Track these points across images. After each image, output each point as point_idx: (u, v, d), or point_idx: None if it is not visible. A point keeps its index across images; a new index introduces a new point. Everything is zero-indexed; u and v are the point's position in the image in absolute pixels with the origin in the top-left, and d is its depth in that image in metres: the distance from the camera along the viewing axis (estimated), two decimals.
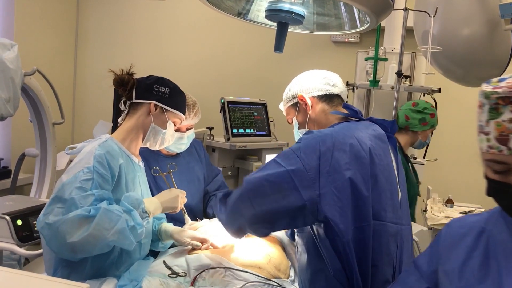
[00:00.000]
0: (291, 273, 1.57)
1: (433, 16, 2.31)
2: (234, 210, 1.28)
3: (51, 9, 3.73)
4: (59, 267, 1.39)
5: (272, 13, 1.31)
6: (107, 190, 1.37)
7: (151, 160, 1.93)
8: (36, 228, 1.73)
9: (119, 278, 1.40)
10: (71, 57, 4.06)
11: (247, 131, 2.94)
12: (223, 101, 2.84)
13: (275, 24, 1.38)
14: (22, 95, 2.40)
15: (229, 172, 3.00)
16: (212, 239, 1.61)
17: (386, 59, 2.67)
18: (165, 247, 1.69)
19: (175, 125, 1.64)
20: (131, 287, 1.35)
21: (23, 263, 2.27)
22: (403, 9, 2.47)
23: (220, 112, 2.84)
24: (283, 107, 1.55)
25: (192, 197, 1.97)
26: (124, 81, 1.53)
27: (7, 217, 1.76)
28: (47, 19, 3.70)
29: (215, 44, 3.83)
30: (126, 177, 1.48)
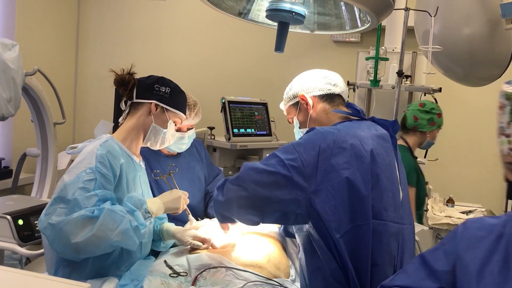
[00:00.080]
0: (292, 272, 1.57)
1: (433, 16, 2.30)
2: (229, 192, 1.28)
3: (52, 9, 3.74)
4: (60, 266, 1.40)
5: (273, 12, 1.31)
6: (109, 190, 1.38)
7: (152, 160, 1.93)
8: (37, 228, 1.73)
9: (120, 277, 1.41)
10: (72, 57, 4.06)
11: (248, 131, 2.94)
12: (224, 100, 2.84)
13: (276, 24, 1.38)
14: (23, 95, 2.40)
15: (230, 172, 3.01)
16: (213, 238, 1.61)
17: (387, 59, 2.66)
18: (166, 246, 1.69)
19: (175, 124, 1.64)
20: (132, 287, 1.35)
21: (25, 262, 2.27)
22: (403, 8, 2.47)
23: (221, 112, 2.84)
24: (284, 106, 1.55)
25: (193, 197, 1.97)
26: (125, 81, 1.54)
27: (8, 217, 1.76)
28: (48, 19, 3.71)
29: (215, 44, 3.83)
30: (127, 176, 1.48)
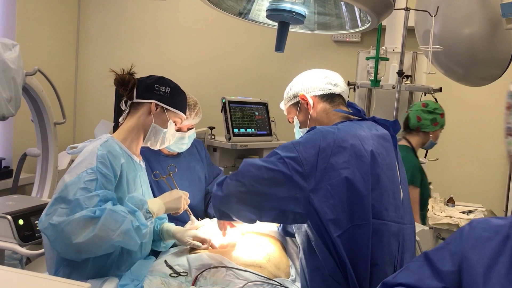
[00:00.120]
0: (292, 272, 1.57)
1: (434, 16, 2.30)
2: (228, 187, 1.29)
3: (53, 9, 3.74)
4: (61, 266, 1.40)
5: (273, 12, 1.31)
6: (110, 190, 1.38)
7: (152, 160, 1.93)
8: (38, 228, 1.73)
9: (120, 277, 1.41)
10: (73, 57, 4.06)
11: (248, 130, 2.94)
12: (224, 100, 2.84)
13: (276, 23, 1.38)
14: (24, 95, 2.40)
15: (230, 172, 3.00)
16: (213, 238, 1.61)
17: (387, 59, 2.66)
18: (166, 246, 1.69)
19: (176, 124, 1.64)
20: (132, 287, 1.35)
21: (25, 262, 2.27)
22: (404, 8, 2.47)
23: (221, 111, 2.84)
24: (284, 106, 1.55)
25: (193, 197, 1.96)
26: (125, 81, 1.54)
27: (9, 216, 1.76)
28: (49, 19, 3.71)
29: (216, 43, 3.83)
30: (128, 176, 1.48)
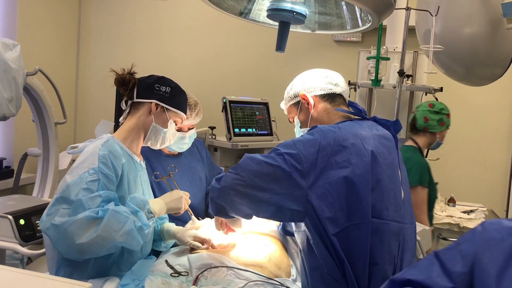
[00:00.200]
0: (293, 272, 1.57)
1: (435, 15, 2.30)
2: (226, 179, 1.29)
3: (53, 9, 3.74)
4: (62, 266, 1.40)
5: (273, 12, 1.31)
6: (112, 190, 1.38)
7: (153, 160, 1.93)
8: (39, 228, 1.73)
9: (121, 277, 1.41)
10: (73, 56, 4.07)
11: (249, 130, 2.94)
12: (225, 100, 2.84)
13: (277, 23, 1.38)
14: (25, 95, 2.41)
15: None
16: (213, 238, 1.61)
17: (388, 58, 2.66)
18: (167, 246, 1.69)
19: (176, 124, 1.64)
20: (133, 286, 1.35)
21: (26, 262, 2.27)
22: (405, 8, 2.47)
23: (222, 111, 2.84)
24: (284, 106, 1.55)
25: (194, 196, 1.96)
26: (125, 80, 1.54)
27: (10, 216, 1.76)
28: (49, 19, 3.71)
29: (216, 43, 3.83)
30: (128, 176, 1.49)
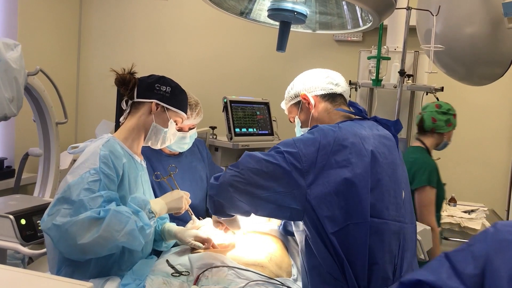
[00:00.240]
0: (294, 271, 1.57)
1: (436, 15, 2.30)
2: (225, 176, 1.29)
3: (54, 9, 3.75)
4: (63, 266, 1.40)
5: (274, 12, 1.31)
6: (113, 190, 1.38)
7: (154, 160, 1.93)
8: (40, 228, 1.74)
9: (122, 277, 1.41)
10: (74, 56, 4.07)
11: (250, 130, 2.94)
12: (225, 100, 2.84)
13: (278, 23, 1.38)
14: (26, 95, 2.41)
15: None
16: (214, 238, 1.61)
17: (388, 58, 2.66)
18: (168, 246, 1.69)
19: (176, 124, 1.64)
20: (134, 286, 1.35)
21: (27, 262, 2.28)
22: (405, 8, 2.47)
23: (222, 111, 2.84)
24: (285, 105, 1.55)
25: (195, 196, 1.97)
26: (125, 80, 1.54)
27: (11, 216, 1.76)
28: (50, 19, 3.72)
29: (217, 43, 3.83)
30: (129, 176, 1.49)
